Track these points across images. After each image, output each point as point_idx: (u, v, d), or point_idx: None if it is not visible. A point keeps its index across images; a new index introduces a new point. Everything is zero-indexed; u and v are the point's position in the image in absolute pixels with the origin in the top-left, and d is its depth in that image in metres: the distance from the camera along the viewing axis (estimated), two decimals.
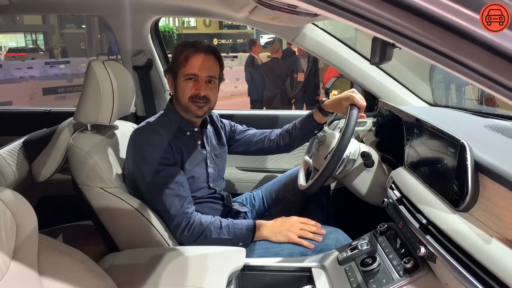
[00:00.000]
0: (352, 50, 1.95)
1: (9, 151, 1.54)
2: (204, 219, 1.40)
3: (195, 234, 1.38)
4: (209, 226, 1.39)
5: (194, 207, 1.43)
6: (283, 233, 1.41)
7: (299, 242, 1.39)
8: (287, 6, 1.25)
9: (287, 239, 1.40)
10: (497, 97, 0.50)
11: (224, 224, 1.41)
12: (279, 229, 1.43)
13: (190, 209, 1.40)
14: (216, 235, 1.39)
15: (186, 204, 1.40)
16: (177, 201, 1.38)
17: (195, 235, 1.39)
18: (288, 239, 1.40)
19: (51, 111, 2.37)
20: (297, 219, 1.46)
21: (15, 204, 0.81)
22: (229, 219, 1.45)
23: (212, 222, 1.40)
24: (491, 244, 0.79)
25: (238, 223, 1.44)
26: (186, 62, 1.42)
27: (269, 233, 1.42)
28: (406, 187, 1.21)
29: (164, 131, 1.43)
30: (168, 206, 1.38)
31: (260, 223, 1.44)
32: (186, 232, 1.38)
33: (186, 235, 1.39)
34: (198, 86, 1.43)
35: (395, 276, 1.07)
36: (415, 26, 0.48)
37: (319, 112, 1.61)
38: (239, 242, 1.41)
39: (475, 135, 1.18)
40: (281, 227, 1.43)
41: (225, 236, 1.40)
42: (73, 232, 1.87)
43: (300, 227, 1.42)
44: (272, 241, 1.42)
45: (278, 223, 1.45)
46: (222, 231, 1.40)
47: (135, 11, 2.04)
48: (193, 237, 1.39)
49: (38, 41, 30.78)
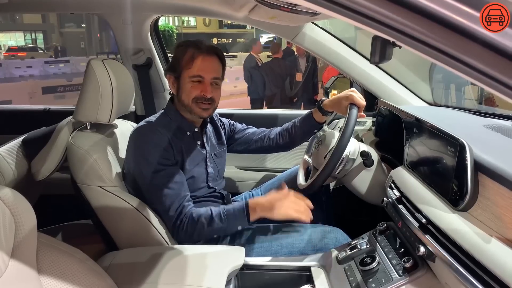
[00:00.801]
0: (351, 50, 1.95)
1: (8, 150, 1.53)
2: (195, 213, 1.36)
3: (190, 230, 1.35)
4: (201, 219, 1.35)
5: (191, 206, 1.41)
6: (282, 210, 1.32)
7: (298, 218, 1.31)
8: (287, 5, 1.25)
9: (287, 216, 1.32)
10: (497, 96, 0.50)
11: (215, 213, 1.36)
12: (276, 205, 1.33)
13: (188, 208, 1.38)
14: (209, 226, 1.34)
15: (184, 203, 1.38)
16: (177, 201, 1.37)
17: (190, 232, 1.36)
18: (288, 215, 1.32)
19: (50, 110, 2.37)
20: (293, 195, 1.36)
21: (14, 203, 0.81)
22: (220, 207, 1.39)
23: (203, 214, 1.36)
24: (490, 244, 0.79)
25: (230, 208, 1.37)
26: (191, 63, 1.41)
27: (266, 212, 1.34)
28: (405, 187, 1.21)
29: (164, 130, 1.43)
30: (167, 206, 1.37)
31: (253, 203, 1.37)
32: (181, 230, 1.36)
33: (182, 234, 1.37)
34: (203, 88, 1.42)
35: (394, 276, 1.07)
36: (415, 24, 0.48)
37: (319, 111, 1.61)
38: (236, 226, 1.36)
39: (475, 135, 1.18)
40: (278, 203, 1.34)
41: (218, 225, 1.34)
42: (72, 230, 1.87)
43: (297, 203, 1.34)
44: (271, 218, 1.34)
45: (273, 199, 1.35)
46: (214, 220, 1.34)
47: (135, 10, 2.04)
48: (189, 234, 1.36)
49: (38, 40, 30.76)
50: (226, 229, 1.37)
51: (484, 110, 1.71)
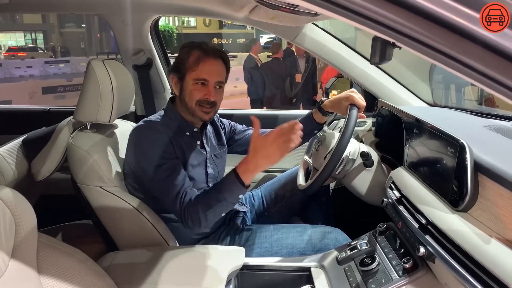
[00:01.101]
0: (352, 50, 1.95)
1: (9, 150, 1.54)
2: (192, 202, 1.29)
3: (196, 221, 1.28)
4: (198, 199, 1.30)
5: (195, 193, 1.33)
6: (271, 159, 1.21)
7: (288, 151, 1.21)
8: (287, 6, 1.25)
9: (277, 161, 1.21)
10: (497, 97, 0.50)
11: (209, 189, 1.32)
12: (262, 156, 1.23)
13: (188, 197, 1.31)
14: (211, 208, 1.27)
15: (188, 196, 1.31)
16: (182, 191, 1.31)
17: (196, 222, 1.28)
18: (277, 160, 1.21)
19: (50, 110, 2.37)
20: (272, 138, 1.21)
21: (14, 203, 0.81)
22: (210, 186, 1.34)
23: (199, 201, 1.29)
24: (490, 244, 0.79)
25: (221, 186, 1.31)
26: (197, 66, 1.39)
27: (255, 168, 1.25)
28: (405, 187, 1.21)
29: (164, 128, 1.42)
30: (173, 197, 1.30)
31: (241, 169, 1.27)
32: (190, 223, 1.29)
33: (189, 222, 1.29)
34: (207, 91, 1.40)
35: (394, 276, 1.07)
36: (415, 25, 0.48)
37: (319, 112, 1.61)
38: (235, 195, 1.28)
39: (475, 135, 1.18)
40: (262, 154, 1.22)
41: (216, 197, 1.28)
42: (72, 231, 1.87)
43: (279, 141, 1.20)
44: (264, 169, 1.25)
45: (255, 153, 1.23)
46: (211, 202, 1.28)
47: (135, 10, 2.04)
48: (197, 224, 1.28)
49: (38, 40, 30.77)
50: (227, 200, 1.28)
51: (484, 111, 1.72)
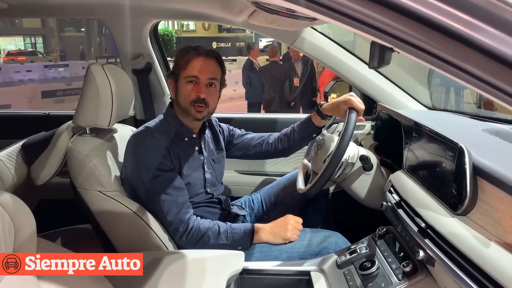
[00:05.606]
0: (350, 54, 1.96)
1: (8, 154, 1.53)
2: (202, 225, 1.40)
3: (194, 239, 1.39)
4: (208, 232, 1.40)
5: (192, 212, 1.43)
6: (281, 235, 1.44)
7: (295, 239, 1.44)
8: (286, 10, 1.25)
9: (286, 240, 1.43)
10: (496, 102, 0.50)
11: (222, 230, 1.41)
12: (278, 231, 1.44)
13: (188, 215, 1.40)
14: (215, 241, 1.40)
15: (184, 209, 1.40)
16: (175, 206, 1.39)
17: (193, 240, 1.39)
18: (286, 239, 1.43)
19: (50, 114, 2.37)
20: (292, 219, 1.48)
21: (14, 207, 0.80)
22: (227, 224, 1.45)
23: (210, 228, 1.41)
24: (489, 248, 0.79)
25: (237, 228, 1.44)
26: (187, 65, 1.42)
27: (268, 236, 1.43)
28: (404, 191, 1.21)
29: (162, 136, 1.43)
30: (166, 211, 1.38)
31: (258, 227, 1.45)
32: (184, 238, 1.39)
33: (184, 241, 1.40)
34: (198, 89, 1.42)
35: (394, 280, 1.07)
36: (413, 30, 0.48)
37: (318, 115, 1.61)
38: (237, 246, 1.41)
39: (474, 139, 1.19)
40: (279, 228, 1.45)
41: (223, 241, 1.40)
42: (71, 235, 1.87)
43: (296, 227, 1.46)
44: (271, 243, 1.43)
45: (276, 225, 1.46)
46: (220, 236, 1.40)
47: (134, 15, 2.05)
48: (192, 242, 1.40)
49: (37, 44, 30.79)
50: (228, 247, 1.40)
51: (483, 114, 1.72)
